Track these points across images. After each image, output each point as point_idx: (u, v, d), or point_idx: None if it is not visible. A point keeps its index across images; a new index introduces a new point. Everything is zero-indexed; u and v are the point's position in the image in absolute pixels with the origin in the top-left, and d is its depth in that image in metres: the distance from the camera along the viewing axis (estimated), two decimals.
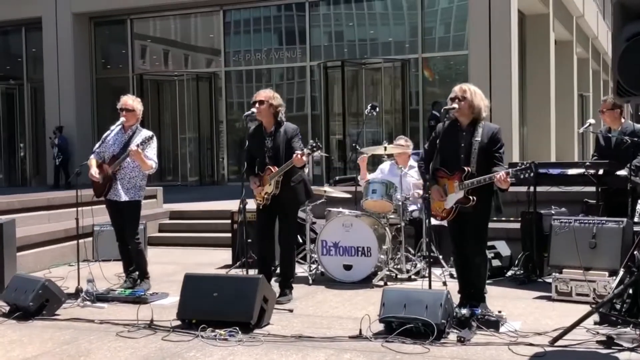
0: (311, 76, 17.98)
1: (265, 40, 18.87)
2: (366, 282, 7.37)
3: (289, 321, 5.88)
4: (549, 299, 6.45)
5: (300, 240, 8.21)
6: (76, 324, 5.93)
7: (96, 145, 7.21)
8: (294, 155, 6.34)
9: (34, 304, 6.10)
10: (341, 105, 17.29)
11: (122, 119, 7.03)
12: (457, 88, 5.78)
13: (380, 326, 5.32)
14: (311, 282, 7.50)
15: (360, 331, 5.27)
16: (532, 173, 5.55)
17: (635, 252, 5.48)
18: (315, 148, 6.33)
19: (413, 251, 7.81)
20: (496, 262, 7.49)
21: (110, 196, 7.06)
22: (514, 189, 6.40)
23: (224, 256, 9.17)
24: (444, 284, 6.94)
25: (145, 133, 7.08)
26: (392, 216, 7.72)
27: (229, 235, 9.16)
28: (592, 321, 5.28)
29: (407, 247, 7.71)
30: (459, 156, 5.70)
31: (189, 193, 15.72)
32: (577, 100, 21.66)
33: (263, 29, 18.95)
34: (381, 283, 7.20)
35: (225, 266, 8.67)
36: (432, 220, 6.49)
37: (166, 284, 7.49)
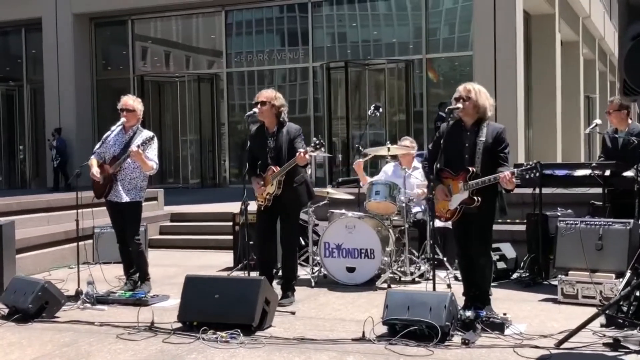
0: (314, 78, 17.93)
1: (267, 41, 18.81)
2: (369, 285, 7.31)
3: (291, 323, 5.84)
4: (554, 301, 6.40)
5: (303, 242, 8.15)
6: (76, 327, 5.90)
7: (96, 146, 7.18)
8: (297, 154, 6.29)
9: (34, 306, 6.06)
10: (344, 106, 17.22)
11: (122, 119, 7.00)
12: (461, 88, 5.74)
13: (384, 328, 5.28)
14: (314, 284, 7.44)
15: (364, 333, 5.23)
16: (538, 173, 5.52)
17: None
18: (318, 145, 6.28)
19: (417, 253, 7.75)
20: (501, 265, 7.43)
21: (111, 197, 7.03)
22: (519, 190, 6.36)
23: (226, 258, 9.12)
24: (448, 286, 6.87)
25: (146, 134, 7.04)
26: (395, 218, 7.67)
27: (230, 237, 9.12)
28: (598, 324, 5.24)
29: (411, 249, 7.66)
30: (463, 156, 5.67)
31: (190, 195, 15.69)
32: (583, 102, 21.57)
33: (265, 29, 18.90)
34: (384, 285, 7.14)
35: (227, 269, 8.62)
36: (436, 222, 6.46)
37: (167, 286, 7.45)
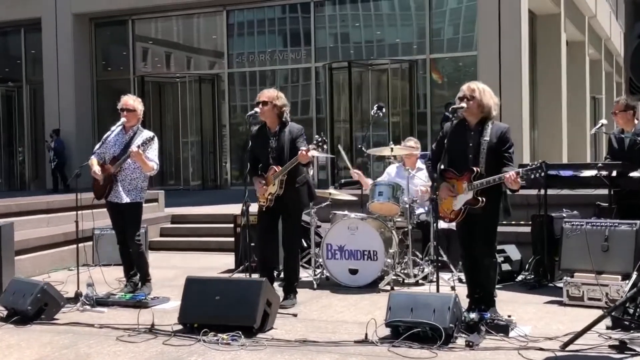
0: (316, 78, 17.89)
1: (269, 41, 18.78)
2: (372, 287, 7.27)
3: (293, 325, 5.81)
4: (560, 303, 6.36)
5: (305, 244, 8.10)
6: (75, 329, 5.87)
7: (96, 146, 7.14)
8: (299, 152, 6.24)
9: (33, 308, 6.03)
10: (347, 106, 17.19)
11: (122, 119, 6.96)
12: (465, 87, 5.71)
13: (387, 330, 5.24)
14: (316, 286, 7.40)
15: (366, 335, 5.20)
16: (543, 173, 5.46)
17: None
18: (321, 143, 6.22)
19: (420, 255, 7.69)
20: (506, 267, 7.38)
21: (111, 198, 7.00)
22: (524, 191, 6.33)
23: (227, 260, 9.08)
24: (452, 288, 6.82)
25: (146, 134, 7.00)
26: (399, 219, 7.61)
27: (231, 239, 9.08)
28: (604, 326, 5.20)
29: (415, 251, 7.60)
30: (467, 156, 5.63)
31: (191, 197, 15.68)
32: (589, 103, 21.51)
33: (267, 29, 18.87)
34: (387, 288, 7.09)
35: (228, 270, 8.58)
36: (440, 223, 6.40)
37: (167, 288, 7.42)
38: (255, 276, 6.30)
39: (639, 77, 4.61)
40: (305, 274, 7.60)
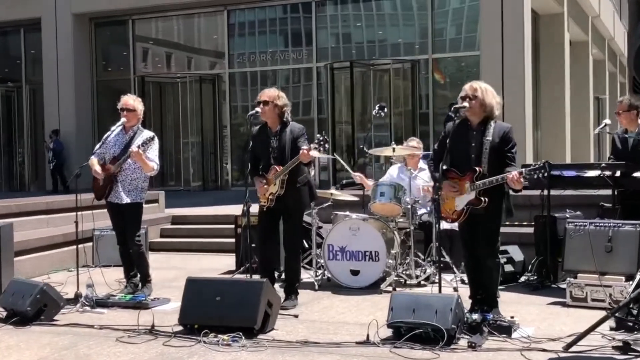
0: (317, 79, 17.83)
1: (270, 41, 18.70)
2: (374, 288, 7.24)
3: (294, 327, 5.78)
4: (563, 304, 6.33)
5: (306, 245, 8.06)
6: (75, 330, 5.85)
7: (96, 146, 7.11)
8: (300, 151, 6.21)
9: (32, 308, 6.00)
10: (349, 107, 17.13)
11: (122, 119, 6.94)
12: (467, 86, 5.69)
13: (389, 331, 5.22)
14: (317, 287, 7.37)
15: (368, 336, 5.18)
16: (546, 173, 5.43)
17: None
18: (322, 142, 6.19)
19: (423, 256, 7.66)
20: (509, 268, 7.35)
21: (111, 199, 6.97)
22: (526, 192, 6.30)
23: (227, 261, 9.06)
24: (454, 289, 6.78)
25: (147, 134, 6.98)
26: (400, 220, 7.58)
27: (232, 240, 9.05)
28: (607, 327, 5.17)
29: (417, 252, 7.57)
30: (469, 156, 5.60)
31: (191, 198, 15.64)
32: (592, 103, 21.42)
33: (268, 29, 18.79)
34: (389, 289, 7.04)
35: (229, 272, 8.55)
36: (442, 224, 6.36)
37: (168, 289, 7.39)
38: (256, 277, 6.27)
39: None
40: (306, 275, 7.57)
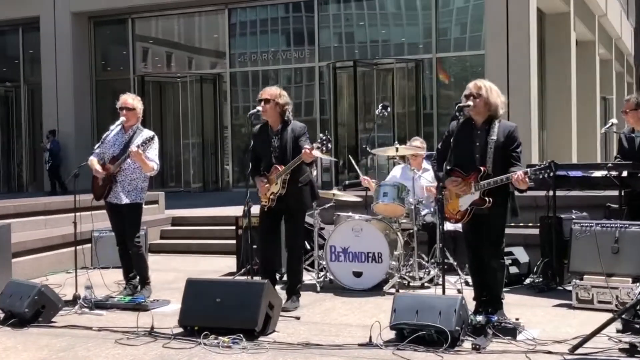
0: (320, 78, 17.78)
1: (272, 40, 18.63)
2: (377, 290, 7.19)
3: (295, 329, 5.74)
4: (569, 306, 6.29)
5: (308, 246, 8.00)
6: (73, 331, 5.83)
7: (96, 146, 7.06)
8: (302, 151, 6.15)
9: (30, 310, 5.97)
10: (352, 107, 17.06)
11: (122, 118, 6.88)
12: (471, 84, 5.64)
13: (391, 333, 5.19)
14: (319, 289, 7.33)
15: (370, 339, 5.15)
16: (552, 173, 5.38)
17: None
18: (325, 141, 6.14)
19: (426, 257, 7.60)
20: (514, 269, 7.28)
21: (111, 199, 6.93)
22: (532, 193, 6.25)
23: (228, 263, 9.02)
24: (458, 291, 6.67)
25: (146, 133, 6.93)
26: (404, 221, 7.53)
27: (233, 242, 8.98)
28: (614, 329, 5.13)
29: (420, 253, 7.51)
30: (474, 156, 5.54)
31: (192, 199, 15.62)
32: (599, 103, 21.37)
33: (270, 28, 18.72)
34: (392, 290, 7.00)
35: (229, 273, 8.51)
36: (446, 225, 6.30)
37: (167, 291, 7.35)
38: (257, 279, 6.21)
39: None
40: (308, 277, 7.52)
